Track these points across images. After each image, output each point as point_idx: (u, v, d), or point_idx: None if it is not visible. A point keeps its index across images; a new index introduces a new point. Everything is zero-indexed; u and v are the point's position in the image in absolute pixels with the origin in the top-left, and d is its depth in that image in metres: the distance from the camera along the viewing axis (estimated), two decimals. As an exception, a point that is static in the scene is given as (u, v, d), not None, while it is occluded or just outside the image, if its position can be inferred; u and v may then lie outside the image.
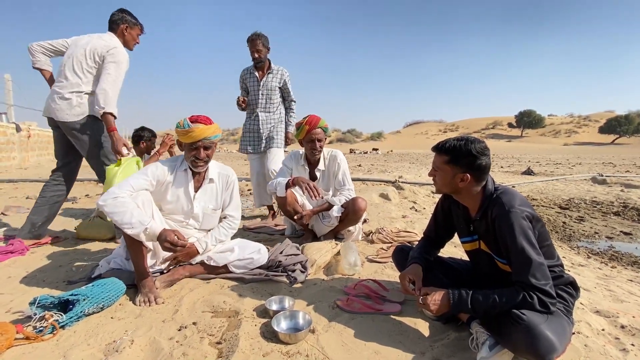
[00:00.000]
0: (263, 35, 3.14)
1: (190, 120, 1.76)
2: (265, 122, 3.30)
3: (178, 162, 1.90)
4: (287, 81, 3.32)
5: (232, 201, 2.05)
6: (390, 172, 9.69)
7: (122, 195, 1.64)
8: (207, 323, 1.42)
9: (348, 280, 1.93)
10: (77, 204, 4.27)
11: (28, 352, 1.23)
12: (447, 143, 1.31)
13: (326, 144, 2.60)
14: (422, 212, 4.02)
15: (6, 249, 2.29)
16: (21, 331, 1.27)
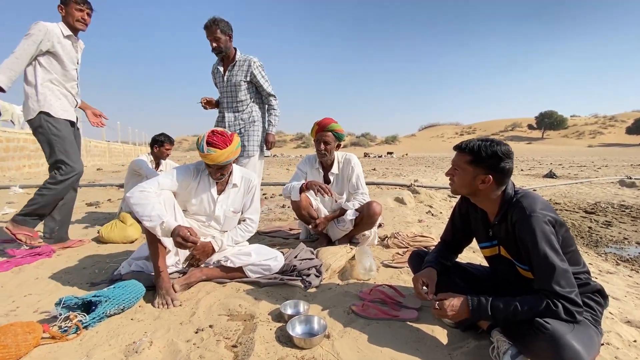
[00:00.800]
0: (222, 20, 2.69)
1: (207, 142, 1.76)
2: (233, 124, 2.85)
3: (203, 166, 1.96)
4: (256, 73, 2.78)
5: (252, 205, 2.10)
6: (405, 176, 9.58)
7: (149, 190, 1.73)
8: (223, 326, 1.43)
9: (363, 285, 1.91)
10: (100, 208, 4.42)
11: (54, 351, 1.27)
12: (470, 142, 1.28)
13: (340, 148, 2.60)
14: (438, 217, 3.95)
15: (34, 252, 2.40)
16: (47, 330, 1.32)
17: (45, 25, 2.29)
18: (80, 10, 2.41)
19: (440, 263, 1.50)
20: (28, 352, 1.25)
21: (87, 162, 13.33)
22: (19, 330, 1.25)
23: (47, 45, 2.30)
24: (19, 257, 2.32)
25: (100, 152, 15.53)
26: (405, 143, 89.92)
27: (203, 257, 1.89)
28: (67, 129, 2.44)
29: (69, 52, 2.44)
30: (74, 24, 2.42)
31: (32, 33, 2.24)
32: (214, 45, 2.69)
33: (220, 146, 1.76)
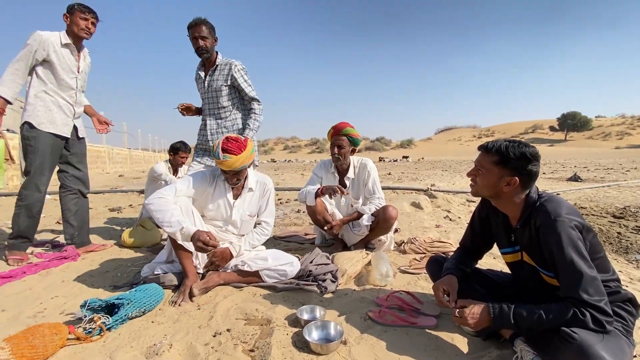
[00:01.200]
0: (208, 21, 2.53)
1: (222, 148, 1.79)
2: (215, 131, 2.65)
3: (218, 172, 2.01)
4: (237, 76, 2.58)
5: (267, 208, 2.13)
6: (421, 180, 9.44)
7: (167, 196, 1.79)
8: (240, 330, 1.45)
9: (380, 291, 1.88)
10: (122, 214, 4.56)
11: (79, 352, 1.31)
12: (497, 143, 1.24)
13: (355, 153, 2.60)
14: (457, 222, 3.86)
15: (60, 255, 2.50)
16: (73, 332, 1.37)
17: (41, 35, 2.32)
18: (85, 19, 2.43)
19: (460, 269, 1.46)
20: (55, 352, 1.29)
21: (109, 169, 13.83)
22: (47, 331, 1.30)
23: (43, 55, 2.33)
24: (46, 260, 2.42)
25: (122, 159, 16.08)
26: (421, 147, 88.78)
27: (222, 263, 1.92)
28: (46, 142, 2.40)
29: (66, 61, 2.44)
30: (79, 33, 2.44)
31: (28, 43, 2.28)
32: (200, 44, 2.49)
33: (235, 152, 1.79)
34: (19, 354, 1.19)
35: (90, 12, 2.46)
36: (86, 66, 2.63)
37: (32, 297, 1.83)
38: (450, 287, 1.37)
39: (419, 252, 2.52)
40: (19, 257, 2.38)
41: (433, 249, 2.52)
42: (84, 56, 2.60)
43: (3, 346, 1.18)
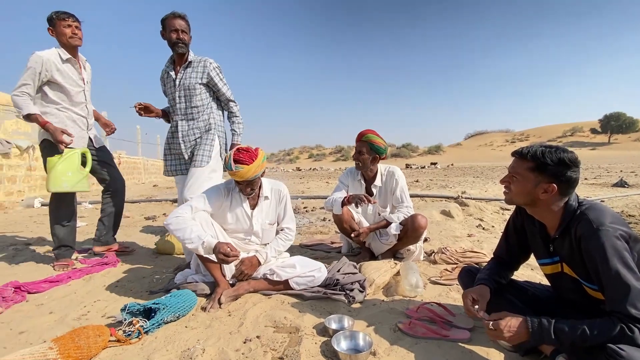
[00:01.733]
0: (186, 17, 2.39)
1: (234, 159, 1.82)
2: (187, 133, 2.45)
3: (232, 184, 2.05)
4: (213, 75, 2.41)
5: (287, 214, 2.15)
6: (451, 188, 9.14)
7: (184, 214, 1.84)
8: (269, 337, 1.46)
9: (409, 302, 1.84)
10: (156, 222, 4.78)
11: (119, 354, 1.39)
12: (533, 148, 1.20)
13: (381, 160, 2.57)
14: (490, 231, 3.70)
15: (102, 261, 2.66)
16: (114, 334, 1.45)
17: (41, 56, 2.33)
18: (68, 25, 2.40)
19: (494, 281, 1.40)
20: (97, 353, 1.37)
21: (145, 179, 14.58)
22: (90, 333, 1.38)
23: (47, 76, 2.36)
24: (89, 266, 2.58)
25: (156, 170, 16.91)
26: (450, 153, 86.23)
27: (250, 271, 1.96)
28: None
29: (71, 77, 2.47)
30: (69, 42, 2.42)
31: (30, 66, 2.30)
32: (180, 36, 2.33)
33: (247, 162, 1.81)
34: (66, 354, 1.27)
35: (69, 16, 2.42)
36: (89, 75, 2.67)
37: (76, 300, 1.96)
38: (480, 296, 1.32)
39: (451, 262, 2.43)
40: (64, 263, 2.56)
41: (465, 260, 2.43)
42: (84, 66, 2.63)
43: (52, 346, 1.27)
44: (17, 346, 1.44)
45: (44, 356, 1.22)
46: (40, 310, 1.84)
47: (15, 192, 6.02)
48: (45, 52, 2.39)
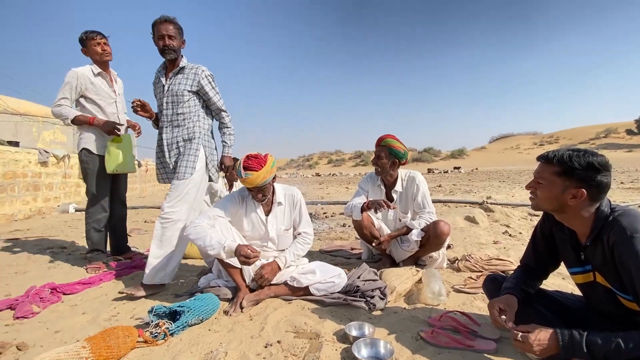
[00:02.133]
0: (177, 21, 2.32)
1: (243, 166, 1.87)
2: (171, 141, 2.33)
3: (246, 192, 2.09)
4: (204, 83, 2.32)
5: (302, 218, 2.17)
6: (476, 193, 8.88)
7: (202, 223, 1.89)
8: (290, 343, 1.47)
9: (432, 310, 1.80)
10: (182, 227, 4.93)
11: (146, 354, 1.44)
12: (559, 152, 1.15)
13: (402, 165, 2.54)
14: (517, 238, 3.56)
15: (131, 265, 2.77)
16: (142, 335, 1.51)
17: (76, 72, 2.60)
18: (97, 43, 2.65)
19: (521, 290, 1.34)
20: (126, 353, 1.43)
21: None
22: (120, 333, 1.44)
23: (82, 89, 2.62)
24: (119, 269, 2.70)
25: (182, 176, 17.50)
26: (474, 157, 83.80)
27: (271, 276, 1.97)
28: (102, 165, 2.69)
29: (103, 89, 2.71)
30: (101, 59, 2.68)
31: (67, 81, 2.58)
32: (167, 43, 2.24)
33: (256, 168, 1.85)
34: (98, 353, 1.33)
35: (97, 34, 2.66)
36: (120, 88, 2.90)
37: (107, 302, 2.05)
38: (508, 306, 1.26)
39: (475, 270, 2.36)
40: (96, 266, 2.69)
41: (491, 267, 2.35)
42: (115, 80, 2.85)
43: (85, 345, 1.34)
44: (52, 345, 1.52)
45: (77, 355, 1.28)
46: (74, 310, 1.94)
47: (52, 198, 6.39)
48: (80, 68, 2.65)
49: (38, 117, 11.75)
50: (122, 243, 3.05)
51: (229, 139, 2.45)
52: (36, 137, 11.76)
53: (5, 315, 1.86)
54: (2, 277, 2.55)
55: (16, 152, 5.56)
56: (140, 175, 11.39)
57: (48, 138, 12.16)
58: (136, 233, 4.37)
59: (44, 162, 6.15)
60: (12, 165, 5.41)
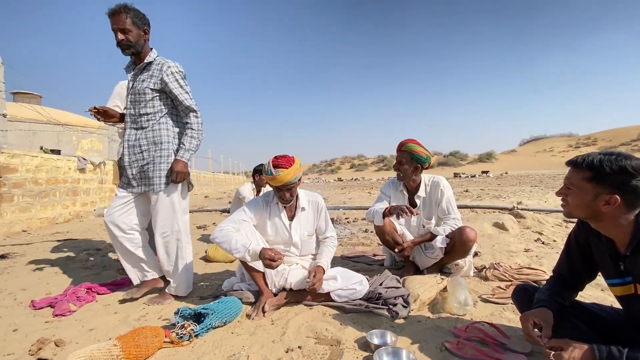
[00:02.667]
0: (134, 9, 2.02)
1: (273, 165, 1.91)
2: (133, 144, 2.11)
3: (270, 196, 2.13)
4: (168, 80, 2.07)
5: (327, 225, 2.20)
6: (505, 198, 8.51)
7: (227, 227, 1.94)
8: (311, 348, 1.47)
9: (458, 320, 1.73)
10: (207, 231, 5.08)
11: (172, 355, 1.48)
12: (589, 156, 1.09)
13: (425, 169, 2.49)
14: (551, 245, 3.37)
15: (159, 267, 2.88)
16: (168, 336, 1.56)
17: (123, 84, 2.78)
18: None
19: (555, 302, 1.26)
20: (154, 353, 1.48)
21: (197, 190, 15.60)
22: (148, 333, 1.50)
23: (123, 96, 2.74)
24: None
25: (207, 182, 18.03)
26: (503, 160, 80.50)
27: (319, 287, 1.89)
28: None
29: None
30: None
31: (116, 92, 2.78)
32: (119, 38, 2.00)
33: (286, 165, 1.89)
34: (127, 351, 1.39)
35: None
36: None
37: (137, 302, 2.14)
38: (543, 321, 1.19)
39: (504, 279, 2.25)
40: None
41: (521, 277, 2.24)
42: None
43: (116, 343, 1.40)
44: (87, 342, 1.61)
45: (109, 352, 1.35)
46: (107, 310, 2.03)
47: (89, 203, 6.79)
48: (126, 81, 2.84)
49: (77, 127, 12.58)
50: (150, 246, 3.17)
51: (189, 142, 2.11)
52: (75, 145, 12.57)
53: (45, 312, 1.99)
54: (43, 276, 2.73)
55: (58, 160, 5.96)
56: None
57: (86, 146, 12.97)
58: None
59: (82, 169, 6.55)
60: (54, 172, 5.80)
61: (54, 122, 10.46)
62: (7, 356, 1.48)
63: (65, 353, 1.49)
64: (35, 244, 4.05)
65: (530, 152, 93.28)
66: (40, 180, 5.42)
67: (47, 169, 5.61)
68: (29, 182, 5.17)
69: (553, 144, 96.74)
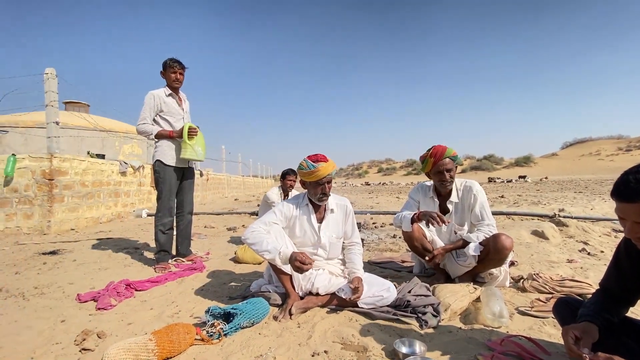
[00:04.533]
0: None
1: (312, 160, 1.97)
2: None
3: (300, 199, 2.16)
4: None
5: (354, 230, 2.20)
6: (545, 205, 8.00)
7: (258, 229, 1.97)
8: (337, 354, 1.46)
9: (492, 332, 1.64)
10: (236, 233, 5.21)
11: (202, 352, 1.53)
12: (629, 185, 0.92)
13: (457, 174, 2.38)
14: (598, 257, 3.12)
15: (192, 267, 3.00)
16: (199, 333, 1.61)
17: (152, 93, 3.02)
18: (174, 72, 3.05)
19: (602, 318, 1.16)
20: (185, 349, 1.53)
21: (227, 193, 16.09)
22: (181, 330, 1.56)
23: (158, 107, 3.04)
24: (181, 270, 2.93)
25: (237, 185, 18.54)
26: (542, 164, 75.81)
27: (361, 293, 1.89)
28: (171, 174, 3.07)
29: (173, 107, 3.11)
30: (172, 84, 3.09)
31: (147, 102, 3.01)
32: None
33: (325, 159, 1.96)
34: (162, 346, 1.45)
35: (177, 64, 3.06)
36: (187, 107, 3.31)
37: (171, 299, 2.24)
38: (585, 333, 1.10)
39: (544, 291, 2.11)
40: (163, 266, 2.97)
41: (564, 289, 2.09)
42: (184, 100, 3.25)
43: (151, 338, 1.47)
44: (125, 335, 1.70)
45: (145, 346, 1.41)
46: (143, 305, 2.14)
47: (129, 204, 7.21)
48: (156, 91, 3.12)
49: (120, 133, 13.45)
50: (185, 246, 3.32)
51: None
52: (118, 150, 13.45)
53: (89, 305, 2.13)
54: (88, 272, 2.93)
55: (102, 164, 6.40)
56: (202, 184, 12.35)
57: (127, 151, 13.83)
58: (197, 237, 4.71)
59: (124, 172, 6.99)
60: (99, 175, 6.24)
61: (100, 128, 11.26)
62: (55, 345, 1.60)
63: (106, 344, 1.59)
64: (81, 241, 4.37)
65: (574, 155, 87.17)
66: (87, 183, 5.84)
67: (93, 172, 6.04)
68: (77, 184, 5.59)
69: (600, 146, 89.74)
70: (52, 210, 5.03)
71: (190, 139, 3.05)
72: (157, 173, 3.08)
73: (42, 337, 1.68)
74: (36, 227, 4.94)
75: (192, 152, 3.07)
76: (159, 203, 3.10)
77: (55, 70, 5.21)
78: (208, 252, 3.57)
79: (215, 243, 4.34)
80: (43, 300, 2.22)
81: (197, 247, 3.94)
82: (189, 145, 3.04)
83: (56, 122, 5.18)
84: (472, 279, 2.28)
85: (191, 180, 3.33)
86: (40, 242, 4.28)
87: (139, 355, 1.37)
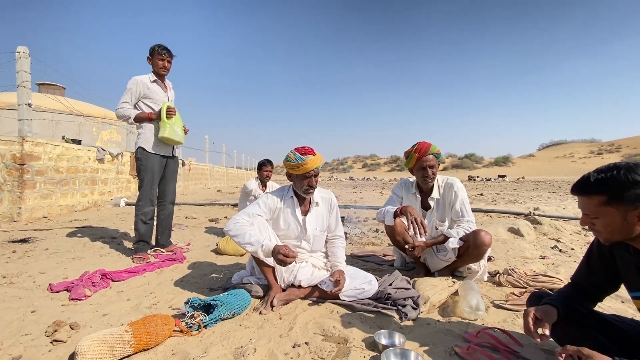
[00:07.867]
0: None
1: (300, 153, 1.94)
2: None
3: (285, 191, 2.14)
4: None
5: (338, 223, 2.20)
6: (522, 203, 8.30)
7: (241, 221, 1.94)
8: (318, 345, 1.46)
9: (468, 325, 1.69)
10: (219, 224, 5.14)
11: (181, 344, 1.50)
12: (591, 178, 1.02)
13: (439, 171, 2.43)
14: (569, 254, 3.26)
15: (171, 257, 2.93)
16: (178, 325, 1.58)
17: (136, 79, 2.94)
18: (162, 59, 2.98)
19: (565, 305, 1.21)
20: (163, 341, 1.50)
21: (210, 184, 15.81)
22: (159, 321, 1.52)
23: (141, 93, 2.95)
24: (160, 260, 2.86)
25: (220, 176, 18.24)
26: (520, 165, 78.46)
27: (342, 285, 1.90)
28: (154, 162, 2.99)
29: (157, 93, 3.02)
30: (158, 71, 3.01)
31: (129, 87, 2.92)
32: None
33: (313, 152, 1.95)
34: (138, 337, 1.42)
35: (165, 52, 2.99)
36: (172, 95, 3.21)
37: (149, 290, 2.18)
38: (544, 316, 1.15)
39: (518, 285, 2.20)
40: (141, 256, 2.89)
41: (536, 284, 2.17)
42: (169, 88, 3.19)
43: (127, 329, 1.43)
44: (100, 326, 1.65)
45: (120, 338, 1.37)
46: (120, 296, 2.08)
47: (107, 192, 6.97)
48: (140, 76, 3.01)
49: (98, 118, 12.93)
50: (165, 237, 3.24)
51: None
52: (95, 136, 12.93)
53: (62, 296, 2.05)
54: (62, 261, 2.81)
55: (78, 150, 6.13)
56: (184, 174, 12.08)
57: (105, 137, 13.32)
58: (178, 228, 4.62)
59: (101, 159, 6.73)
60: (75, 161, 5.98)
61: (76, 113, 10.78)
62: (25, 336, 1.54)
63: (79, 336, 1.54)
64: (54, 229, 4.19)
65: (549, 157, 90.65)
66: (61, 169, 5.59)
67: (68, 158, 5.79)
68: (51, 170, 5.34)
69: (574, 149, 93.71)
70: (23, 197, 4.80)
71: (169, 118, 2.96)
72: (139, 161, 2.98)
73: (10, 328, 1.61)
74: (5, 214, 4.70)
75: (172, 130, 2.97)
76: (140, 192, 3.00)
77: (29, 49, 4.92)
78: (189, 243, 3.51)
79: (196, 234, 4.26)
80: (12, 290, 2.12)
81: (178, 237, 3.86)
82: (167, 125, 2.95)
83: (28, 104, 4.92)
84: (451, 273, 2.34)
85: (174, 169, 3.24)
86: (9, 230, 4.08)
87: (114, 346, 1.34)
